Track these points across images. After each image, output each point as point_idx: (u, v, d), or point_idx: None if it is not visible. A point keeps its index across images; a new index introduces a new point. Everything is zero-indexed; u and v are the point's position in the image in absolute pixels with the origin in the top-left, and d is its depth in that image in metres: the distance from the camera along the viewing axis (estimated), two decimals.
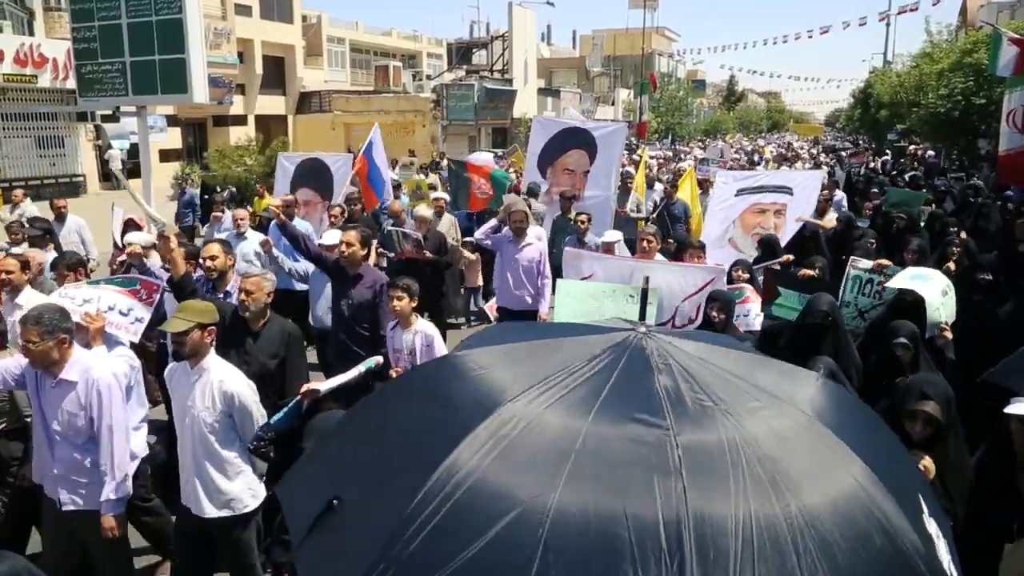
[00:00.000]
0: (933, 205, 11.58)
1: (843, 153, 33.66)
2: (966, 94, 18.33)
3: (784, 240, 9.12)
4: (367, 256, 5.83)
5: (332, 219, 8.78)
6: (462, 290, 10.45)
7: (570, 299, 4.31)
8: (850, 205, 13.26)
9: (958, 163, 22.48)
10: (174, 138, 27.45)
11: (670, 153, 29.35)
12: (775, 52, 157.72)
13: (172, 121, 26.68)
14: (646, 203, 12.38)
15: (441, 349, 5.12)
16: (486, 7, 62.42)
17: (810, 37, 40.40)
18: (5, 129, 21.57)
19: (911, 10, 32.78)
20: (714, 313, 5.19)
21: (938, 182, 15.84)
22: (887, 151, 30.99)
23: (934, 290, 5.10)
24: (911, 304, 5.00)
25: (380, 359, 4.59)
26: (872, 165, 24.61)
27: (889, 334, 4.51)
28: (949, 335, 5.01)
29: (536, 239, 7.68)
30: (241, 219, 8.61)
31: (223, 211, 10.94)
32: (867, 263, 5.97)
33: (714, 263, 7.95)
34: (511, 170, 16.44)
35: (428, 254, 7.93)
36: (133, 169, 22.54)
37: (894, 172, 20.56)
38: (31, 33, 22.14)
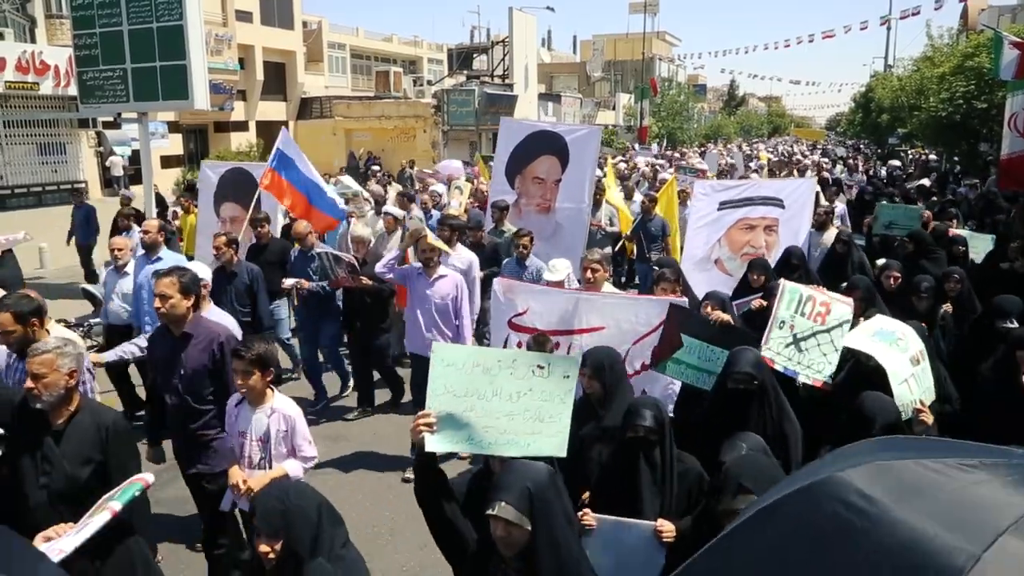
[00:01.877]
0: (954, 221, 9.98)
1: (842, 155, 33.46)
2: (967, 98, 18.29)
3: (772, 263, 7.62)
4: (196, 306, 4.48)
5: (216, 251, 6.86)
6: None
7: (450, 371, 2.92)
8: (853, 220, 11.98)
9: (959, 168, 22.43)
10: (175, 144, 27.50)
11: (663, 161, 25.95)
12: (776, 56, 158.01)
13: (173, 127, 26.72)
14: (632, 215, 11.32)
15: (305, 434, 4.00)
16: (487, 12, 62.85)
17: (811, 41, 40.55)
18: (7, 136, 21.62)
19: (913, 14, 32.84)
20: (587, 383, 3.82)
21: (961, 189, 14.47)
22: (897, 157, 30.36)
23: (903, 358, 4.05)
24: (874, 371, 4.07)
25: (148, 479, 3.13)
26: (878, 173, 23.10)
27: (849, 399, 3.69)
28: (929, 420, 3.94)
29: (453, 270, 6.52)
30: (119, 249, 6.89)
31: (131, 227, 9.48)
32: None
33: (699, 288, 7.04)
34: (477, 180, 15.77)
35: (366, 280, 6.93)
36: (135, 175, 22.68)
37: (904, 178, 19.31)
38: (33, 40, 22.19)
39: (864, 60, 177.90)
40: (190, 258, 9.21)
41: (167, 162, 25.41)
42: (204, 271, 5.37)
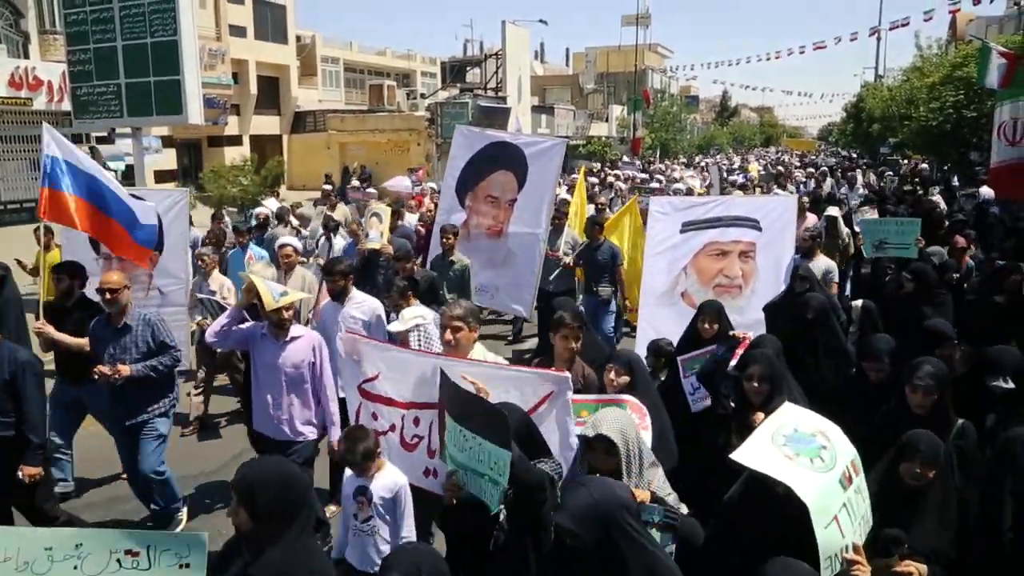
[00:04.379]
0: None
1: (830, 165, 33.12)
2: (957, 107, 18.50)
3: (755, 301, 6.44)
4: None
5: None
6: None
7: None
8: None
9: (951, 176, 22.56)
10: (169, 159, 27.48)
11: (645, 175, 22.72)
12: (768, 67, 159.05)
13: (167, 142, 26.71)
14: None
15: None
16: (479, 26, 63.18)
17: (802, 52, 40.67)
18: (0, 152, 21.61)
19: (902, 25, 33.08)
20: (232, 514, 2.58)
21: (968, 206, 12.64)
22: (888, 167, 29.46)
23: (830, 479, 2.63)
24: (784, 499, 2.59)
25: None
26: (874, 184, 20.41)
27: None
28: (867, 574, 2.61)
29: (354, 324, 5.26)
30: None
31: None
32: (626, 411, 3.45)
33: (664, 327, 6.06)
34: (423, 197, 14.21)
35: None
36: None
37: (904, 190, 17.63)
38: (26, 56, 22.21)
39: (854, 71, 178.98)
40: (50, 305, 5.81)
41: (161, 177, 25.36)
42: None
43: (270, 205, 12.69)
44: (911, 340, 4.67)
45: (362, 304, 5.63)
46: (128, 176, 22.52)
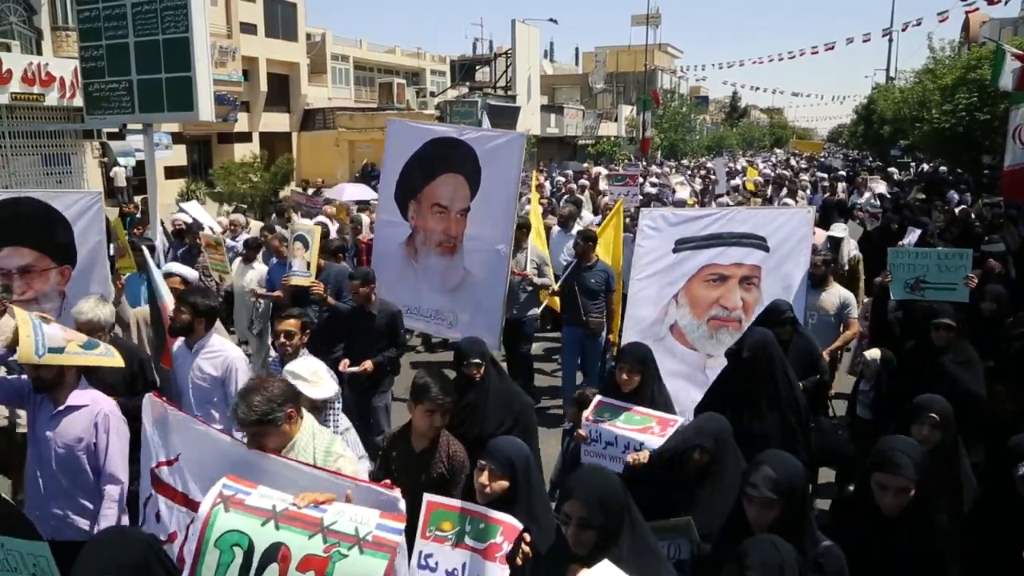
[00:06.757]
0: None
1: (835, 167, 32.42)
2: (970, 109, 18.39)
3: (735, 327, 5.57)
4: None
5: None
6: None
7: None
8: (872, 264, 8.21)
9: (964, 180, 22.43)
10: (179, 155, 27.63)
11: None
12: (778, 68, 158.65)
13: (177, 138, 26.87)
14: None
15: None
16: (489, 24, 63.12)
17: (814, 53, 40.41)
18: (13, 147, 21.73)
19: (915, 25, 32.93)
20: None
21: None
22: (898, 168, 27.90)
23: None
24: None
25: None
26: (880, 191, 17.68)
27: None
28: None
29: (97, 395, 3.68)
30: None
31: None
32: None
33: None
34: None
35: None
36: (139, 186, 22.77)
37: (919, 199, 16.22)
38: (39, 52, 22.34)
39: (866, 72, 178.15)
40: None
41: (171, 173, 25.51)
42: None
43: (192, 210, 10.74)
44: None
45: (216, 356, 4.31)
46: (139, 172, 22.67)
